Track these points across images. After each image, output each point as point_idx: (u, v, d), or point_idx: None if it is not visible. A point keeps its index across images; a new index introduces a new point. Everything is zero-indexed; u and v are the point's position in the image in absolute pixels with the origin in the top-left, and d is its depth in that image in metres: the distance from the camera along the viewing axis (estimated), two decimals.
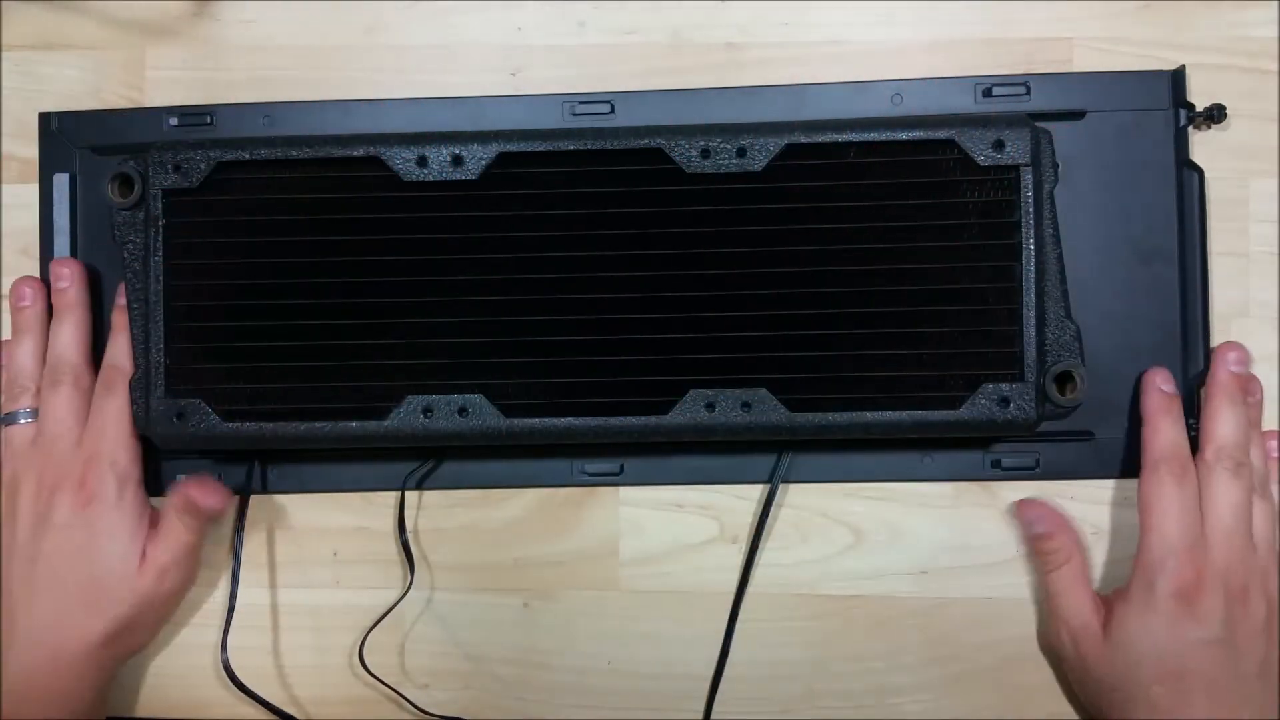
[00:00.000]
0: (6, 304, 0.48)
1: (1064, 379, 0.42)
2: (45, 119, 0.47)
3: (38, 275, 0.47)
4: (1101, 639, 0.42)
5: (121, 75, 0.48)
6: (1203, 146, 0.45)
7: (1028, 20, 0.46)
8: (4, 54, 0.49)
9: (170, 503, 0.45)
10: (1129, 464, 0.45)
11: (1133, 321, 0.45)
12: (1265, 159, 0.46)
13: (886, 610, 0.46)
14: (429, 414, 0.42)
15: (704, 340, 0.42)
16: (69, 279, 0.45)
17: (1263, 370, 0.45)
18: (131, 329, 0.44)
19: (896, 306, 0.42)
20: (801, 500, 0.47)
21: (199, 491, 0.44)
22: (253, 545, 0.48)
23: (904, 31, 0.47)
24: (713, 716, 0.46)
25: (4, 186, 0.48)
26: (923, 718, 0.46)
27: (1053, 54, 0.46)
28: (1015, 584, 0.46)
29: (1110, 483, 0.46)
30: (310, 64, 0.48)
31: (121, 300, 0.45)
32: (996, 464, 0.46)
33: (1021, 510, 0.45)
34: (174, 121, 0.47)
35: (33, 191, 0.48)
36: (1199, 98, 0.45)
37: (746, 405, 0.42)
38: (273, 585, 0.48)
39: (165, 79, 0.48)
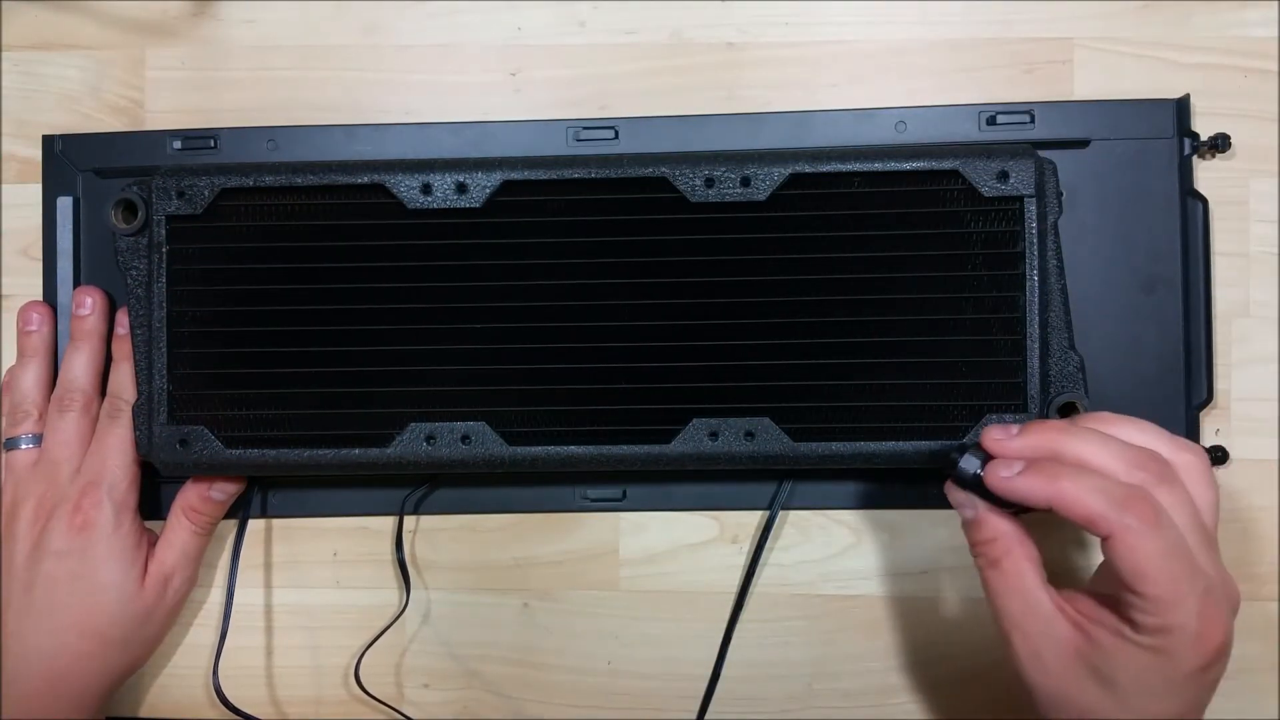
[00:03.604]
0: (5, 304, 0.48)
1: (1067, 410, 0.42)
2: (49, 141, 0.47)
3: (40, 289, 0.47)
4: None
5: (121, 75, 0.48)
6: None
7: (1028, 20, 0.46)
8: (4, 54, 0.49)
9: (178, 504, 0.45)
10: None
11: (1136, 351, 0.45)
12: (1265, 159, 0.46)
13: (886, 610, 0.46)
14: (432, 441, 0.43)
15: (707, 369, 0.42)
16: (90, 307, 0.46)
17: (1263, 370, 0.46)
18: (135, 355, 0.44)
19: (900, 336, 0.42)
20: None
21: (208, 483, 0.44)
22: (252, 545, 0.48)
23: (904, 31, 0.47)
24: (713, 717, 0.46)
25: (4, 186, 0.48)
26: (923, 718, 0.46)
27: (1053, 54, 0.46)
28: None
29: None
30: (310, 64, 0.48)
31: (121, 329, 0.45)
32: None
33: (950, 489, 0.38)
34: (177, 145, 0.47)
35: (32, 191, 0.48)
36: (1198, 97, 0.45)
37: (750, 434, 0.42)
38: (270, 585, 0.48)
39: (165, 79, 0.48)
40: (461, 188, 0.42)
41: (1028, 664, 0.36)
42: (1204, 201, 0.45)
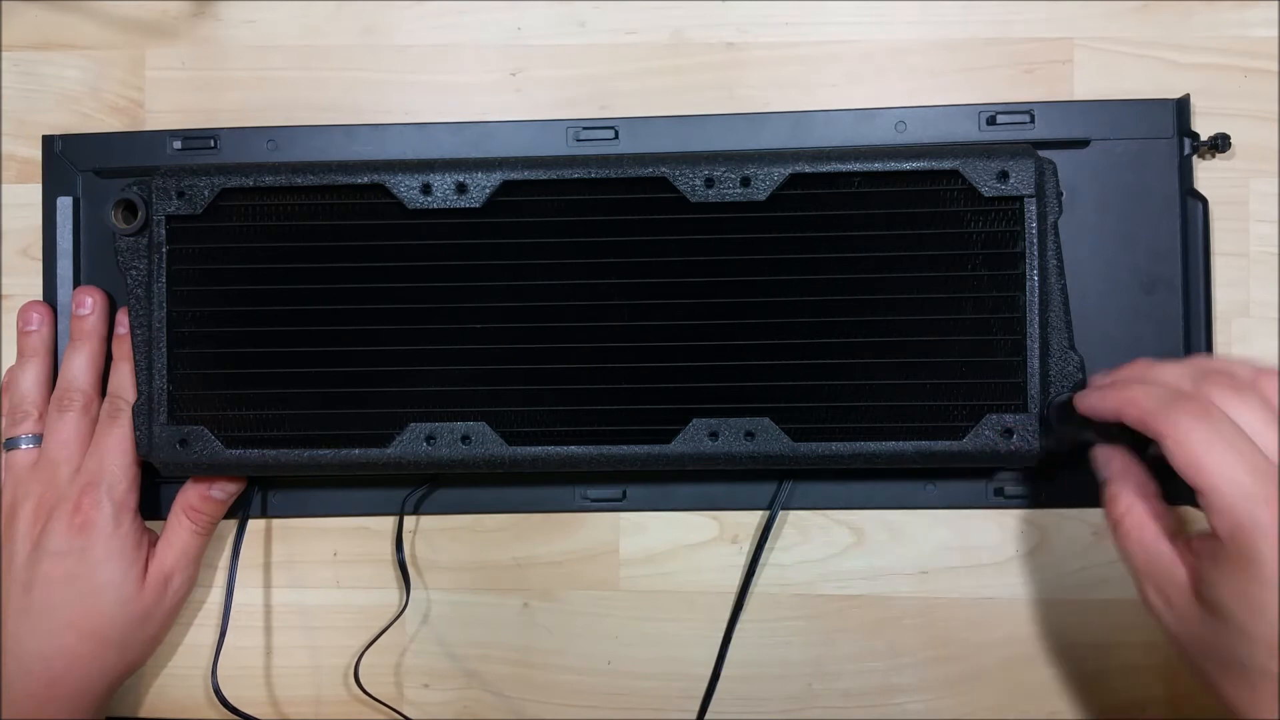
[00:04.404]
0: (5, 304, 0.48)
1: None
2: (48, 141, 0.47)
3: (40, 288, 0.48)
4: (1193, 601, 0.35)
5: (121, 75, 0.48)
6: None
7: (1028, 20, 0.47)
8: (4, 54, 0.49)
9: (178, 504, 0.45)
10: None
11: (1135, 350, 0.44)
12: (1265, 159, 0.46)
13: (886, 610, 0.46)
14: (431, 441, 0.43)
15: (707, 369, 0.42)
16: (90, 307, 0.46)
17: None
18: (134, 355, 0.44)
19: (900, 336, 0.42)
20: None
21: (209, 483, 0.44)
22: (252, 545, 0.48)
23: (904, 31, 0.47)
24: (713, 717, 0.46)
25: (4, 186, 0.48)
26: (923, 718, 0.46)
27: (1053, 54, 0.46)
28: (1015, 584, 0.46)
29: None
30: (310, 64, 0.48)
31: (121, 329, 0.45)
32: (999, 492, 0.46)
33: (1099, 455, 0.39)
34: (177, 145, 0.47)
35: (32, 191, 0.48)
36: (1198, 97, 0.45)
37: (750, 434, 0.42)
38: (270, 585, 0.48)
39: (165, 79, 0.48)
40: (461, 188, 0.42)
41: (1160, 612, 0.36)
42: (1204, 201, 0.45)
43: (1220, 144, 0.44)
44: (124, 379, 0.45)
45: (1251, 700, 0.33)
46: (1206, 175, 0.45)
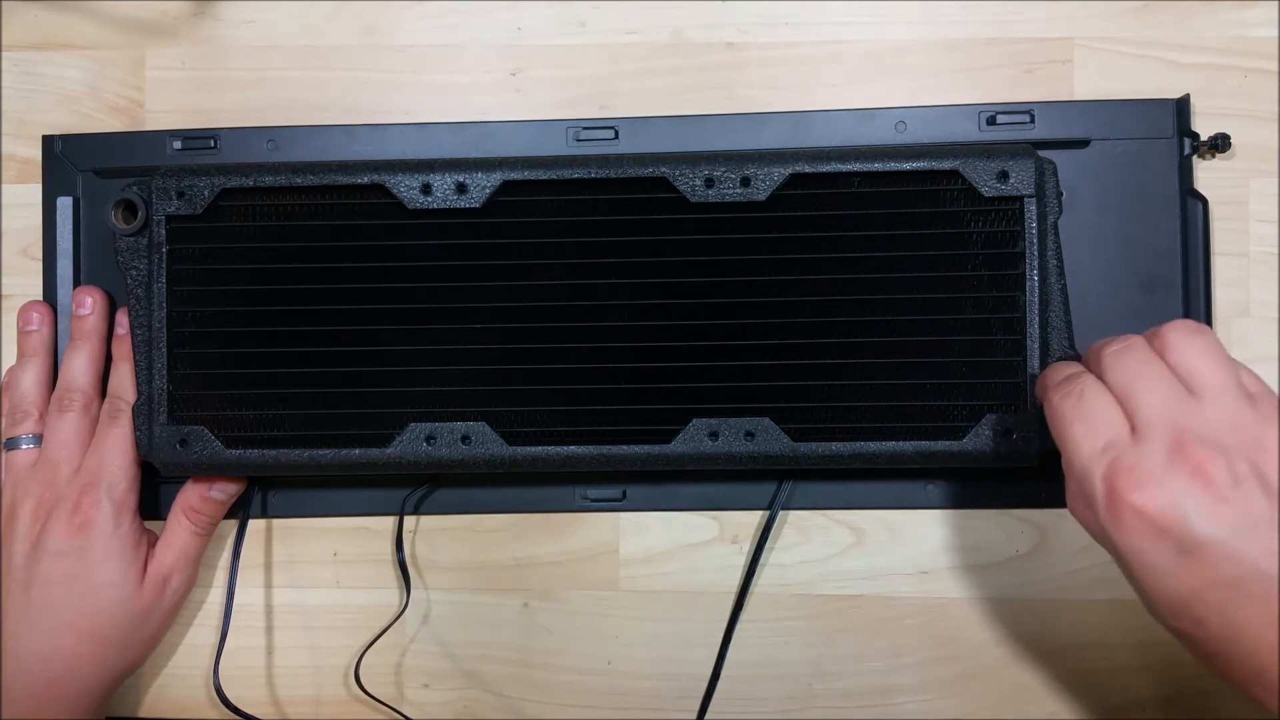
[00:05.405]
0: (5, 304, 0.48)
1: None
2: (48, 141, 0.47)
3: (40, 288, 0.48)
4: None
5: (121, 75, 0.48)
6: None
7: (1028, 20, 0.47)
8: (4, 54, 0.49)
9: (178, 504, 0.45)
10: None
11: None
12: (1265, 159, 0.46)
13: (886, 610, 0.46)
14: (431, 441, 0.43)
15: (708, 369, 0.42)
16: (90, 307, 0.46)
17: (1263, 370, 0.45)
18: (135, 355, 0.44)
19: (900, 336, 0.42)
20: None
21: (209, 483, 0.44)
22: (252, 545, 0.48)
23: (904, 31, 0.47)
24: (713, 717, 0.46)
25: (4, 186, 0.48)
26: (923, 718, 0.46)
27: (1053, 54, 0.46)
28: (1015, 584, 0.46)
29: None
30: (310, 64, 0.48)
31: (121, 329, 0.46)
32: (998, 492, 0.46)
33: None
34: (177, 145, 0.47)
35: (32, 191, 0.48)
36: (1198, 97, 0.45)
37: (750, 434, 0.42)
38: (270, 585, 0.48)
39: (165, 79, 0.48)
40: (461, 188, 0.42)
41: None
42: (1204, 201, 0.45)
43: (1220, 144, 0.44)
44: (124, 379, 0.45)
45: (1201, 659, 0.34)
46: (1206, 175, 0.45)
